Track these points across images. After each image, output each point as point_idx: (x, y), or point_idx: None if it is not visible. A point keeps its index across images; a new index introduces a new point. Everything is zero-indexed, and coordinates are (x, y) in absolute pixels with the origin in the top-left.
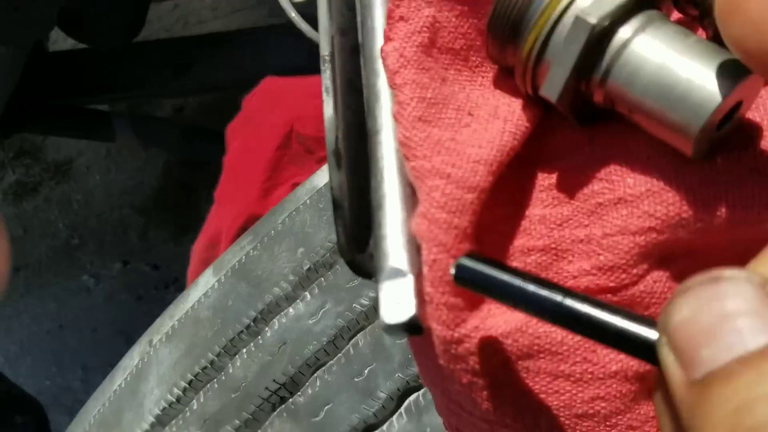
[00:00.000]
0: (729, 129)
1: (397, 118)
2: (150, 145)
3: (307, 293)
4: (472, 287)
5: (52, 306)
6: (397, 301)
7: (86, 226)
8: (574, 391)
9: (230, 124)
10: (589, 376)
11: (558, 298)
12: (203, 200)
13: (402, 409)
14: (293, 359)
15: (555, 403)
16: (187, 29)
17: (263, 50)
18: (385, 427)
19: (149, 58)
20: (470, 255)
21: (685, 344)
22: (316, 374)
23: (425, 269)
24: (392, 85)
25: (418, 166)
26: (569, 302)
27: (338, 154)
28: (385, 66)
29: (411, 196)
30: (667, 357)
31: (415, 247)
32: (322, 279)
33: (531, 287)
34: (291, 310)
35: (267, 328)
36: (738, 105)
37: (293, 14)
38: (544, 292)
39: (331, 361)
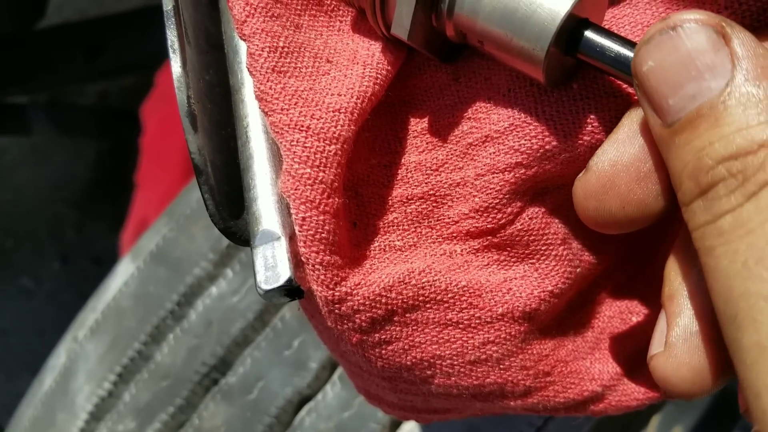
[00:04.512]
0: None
1: (250, 70)
2: (72, 134)
3: (228, 270)
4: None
5: None
6: (271, 266)
7: (19, 226)
8: (464, 338)
9: (144, 103)
10: (477, 321)
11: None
12: None
13: (335, 376)
14: (221, 339)
15: (447, 352)
16: (104, 11)
17: None
18: (319, 396)
19: (56, 42)
20: (591, 25)
21: (654, 93)
22: (245, 352)
23: (296, 229)
24: (242, 36)
25: (277, 121)
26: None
27: (192, 116)
28: (233, 16)
29: (279, 154)
30: (642, 100)
31: (286, 208)
32: (243, 254)
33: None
34: (214, 289)
35: (191, 311)
36: (585, 22)
37: None
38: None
39: (260, 337)
